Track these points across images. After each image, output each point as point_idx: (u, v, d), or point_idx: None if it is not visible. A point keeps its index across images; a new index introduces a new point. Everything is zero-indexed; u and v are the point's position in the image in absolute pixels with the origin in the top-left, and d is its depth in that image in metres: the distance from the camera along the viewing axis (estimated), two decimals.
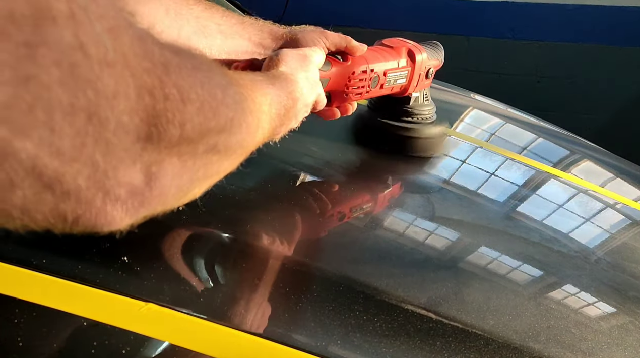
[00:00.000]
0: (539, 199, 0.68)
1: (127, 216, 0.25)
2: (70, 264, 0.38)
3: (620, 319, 0.49)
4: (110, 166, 0.23)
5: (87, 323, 0.34)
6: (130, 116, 0.22)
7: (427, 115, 0.67)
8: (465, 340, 0.40)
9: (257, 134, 0.36)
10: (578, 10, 2.33)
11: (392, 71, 0.60)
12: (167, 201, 0.28)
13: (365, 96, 0.59)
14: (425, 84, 0.66)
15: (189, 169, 0.28)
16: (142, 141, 0.23)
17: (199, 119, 0.26)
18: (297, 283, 0.42)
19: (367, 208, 0.56)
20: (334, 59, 0.55)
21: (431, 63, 0.65)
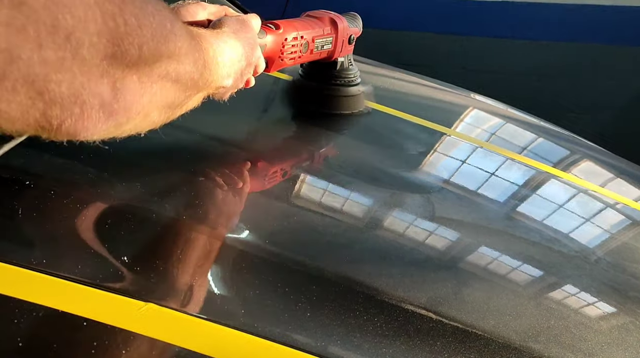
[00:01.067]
0: (539, 199, 0.68)
1: (99, 124, 0.30)
2: (70, 264, 0.38)
3: (620, 319, 0.49)
4: (85, 78, 0.28)
5: (87, 323, 0.34)
6: (98, 37, 0.28)
7: (352, 77, 0.77)
8: (466, 340, 0.40)
9: (204, 72, 0.41)
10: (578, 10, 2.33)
11: (319, 37, 0.69)
12: (131, 117, 0.33)
13: (298, 61, 0.67)
14: (348, 50, 0.76)
15: (147, 91, 0.34)
16: (109, 58, 0.29)
17: (153, 43, 0.32)
18: (297, 283, 0.42)
19: (307, 163, 0.65)
20: (268, 27, 0.61)
21: (352, 30, 0.75)
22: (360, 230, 0.53)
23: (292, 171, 0.61)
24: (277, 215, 0.51)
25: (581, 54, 2.37)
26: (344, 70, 0.76)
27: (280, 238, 0.47)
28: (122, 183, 0.48)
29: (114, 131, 0.34)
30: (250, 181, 0.56)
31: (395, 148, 0.74)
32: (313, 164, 0.65)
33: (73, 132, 0.29)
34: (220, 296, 0.40)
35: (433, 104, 0.99)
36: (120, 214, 0.45)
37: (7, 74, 0.25)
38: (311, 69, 0.76)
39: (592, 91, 2.40)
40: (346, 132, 0.77)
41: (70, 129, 0.29)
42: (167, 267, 0.40)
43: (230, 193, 0.53)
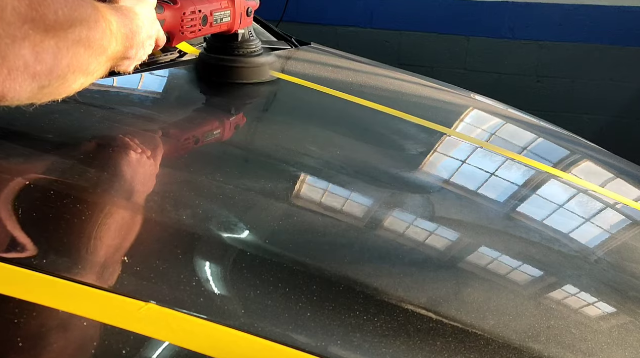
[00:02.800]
0: (539, 199, 0.68)
1: (24, 85, 0.34)
2: (70, 264, 0.38)
3: (620, 319, 0.49)
4: (10, 40, 0.31)
5: (87, 323, 0.34)
6: (19, 1, 0.31)
7: (254, 49, 0.81)
8: (466, 340, 0.40)
9: (111, 41, 0.44)
10: (578, 10, 2.33)
11: (216, 10, 0.72)
12: (52, 79, 0.36)
13: (199, 34, 0.71)
14: (248, 22, 0.80)
15: (64, 54, 0.37)
16: (29, 22, 0.32)
17: (67, 9, 0.35)
18: (297, 283, 0.42)
19: (218, 131, 0.70)
20: (165, 3, 0.64)
21: (249, 3, 0.79)
22: (360, 229, 0.53)
23: (204, 138, 0.65)
24: (279, 214, 0.51)
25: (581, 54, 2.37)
26: (245, 41, 0.79)
27: (281, 237, 0.47)
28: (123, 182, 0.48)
29: (36, 94, 0.37)
30: (160, 150, 0.58)
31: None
32: (223, 132, 0.70)
33: (1, 93, 0.32)
34: (220, 296, 0.40)
35: (433, 104, 0.99)
36: (121, 214, 0.45)
37: None
38: (214, 43, 0.80)
39: (592, 90, 2.40)
40: (250, 101, 0.81)
41: None
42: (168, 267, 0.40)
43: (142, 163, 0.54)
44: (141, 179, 0.52)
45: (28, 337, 0.34)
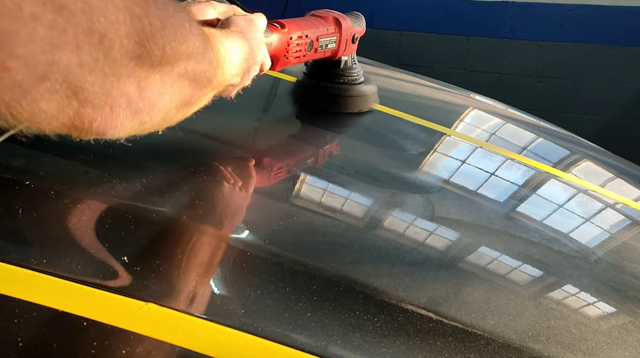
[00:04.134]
0: (539, 199, 0.68)
1: (126, 122, 0.32)
2: (70, 264, 0.38)
3: (620, 319, 0.49)
4: (115, 78, 0.30)
5: (87, 323, 0.34)
6: (127, 38, 0.29)
7: (356, 76, 0.77)
8: (466, 340, 0.40)
9: (218, 71, 0.43)
10: (578, 10, 2.33)
11: (323, 36, 0.69)
12: (154, 115, 0.35)
13: (302, 59, 0.68)
14: (352, 49, 0.76)
15: (168, 89, 0.35)
16: (136, 59, 0.31)
17: (174, 43, 0.33)
18: (297, 283, 0.42)
19: (311, 161, 0.65)
20: (273, 26, 0.62)
21: (355, 30, 0.75)
22: (360, 229, 0.53)
23: (295, 169, 0.61)
24: (279, 214, 0.51)
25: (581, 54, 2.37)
26: (348, 69, 0.76)
27: (281, 237, 0.47)
28: (124, 182, 0.48)
29: (137, 129, 0.36)
30: (253, 179, 0.56)
31: (396, 148, 0.74)
32: (316, 163, 0.65)
33: (102, 130, 0.31)
34: (220, 296, 0.40)
35: (433, 104, 0.99)
36: (121, 214, 0.45)
37: (48, 75, 0.26)
38: (315, 68, 0.77)
39: (592, 91, 2.40)
40: (349, 131, 0.76)
41: (100, 127, 0.31)
42: (168, 267, 0.40)
43: (234, 191, 0.53)
44: (227, 206, 0.51)
45: (28, 336, 0.34)
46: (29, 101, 0.27)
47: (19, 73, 0.25)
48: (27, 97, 0.27)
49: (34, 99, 0.27)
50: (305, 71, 0.78)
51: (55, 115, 0.28)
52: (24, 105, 0.27)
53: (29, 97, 0.27)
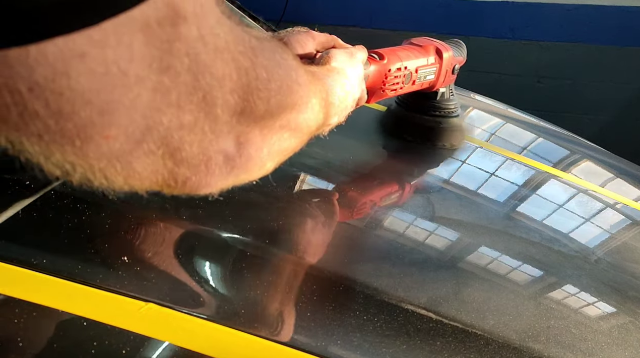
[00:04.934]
0: (539, 200, 0.68)
1: (221, 180, 0.30)
2: (71, 264, 0.38)
3: (620, 319, 0.49)
4: (214, 136, 0.27)
5: (87, 323, 0.34)
6: (231, 94, 0.27)
7: (452, 109, 0.73)
8: (465, 340, 0.40)
9: (319, 116, 0.40)
10: (578, 10, 2.33)
11: (422, 67, 0.65)
12: (250, 170, 0.32)
13: (399, 92, 0.63)
14: (450, 80, 0.71)
15: (267, 142, 0.32)
16: (237, 114, 0.28)
17: (280, 95, 0.31)
18: (297, 283, 0.41)
19: (397, 196, 0.61)
20: (372, 57, 0.58)
21: (456, 60, 0.70)
22: (359, 229, 0.53)
23: (381, 204, 0.57)
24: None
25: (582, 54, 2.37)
26: (445, 101, 0.72)
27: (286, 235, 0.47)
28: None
29: (231, 184, 0.33)
30: (336, 212, 0.54)
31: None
32: (401, 199, 0.60)
33: (196, 188, 0.29)
34: (220, 296, 0.40)
35: None
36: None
37: (146, 138, 0.24)
38: (409, 99, 0.72)
39: (592, 91, 2.39)
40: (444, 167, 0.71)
41: (194, 186, 0.28)
42: (168, 267, 0.40)
43: (315, 224, 0.51)
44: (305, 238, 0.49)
45: (28, 337, 0.34)
46: (124, 164, 0.25)
47: (117, 141, 0.23)
48: (122, 162, 0.24)
49: (129, 163, 0.25)
50: (397, 101, 0.74)
51: (148, 176, 0.26)
52: (118, 169, 0.25)
53: (125, 162, 0.24)
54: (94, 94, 0.21)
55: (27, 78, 0.20)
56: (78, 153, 0.23)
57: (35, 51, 0.19)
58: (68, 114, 0.21)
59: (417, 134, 0.72)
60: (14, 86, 0.20)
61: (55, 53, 0.20)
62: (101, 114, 0.22)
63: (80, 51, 0.20)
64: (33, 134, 0.22)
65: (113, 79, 0.21)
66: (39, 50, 0.19)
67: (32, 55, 0.19)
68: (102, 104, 0.22)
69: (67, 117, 0.21)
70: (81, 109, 0.21)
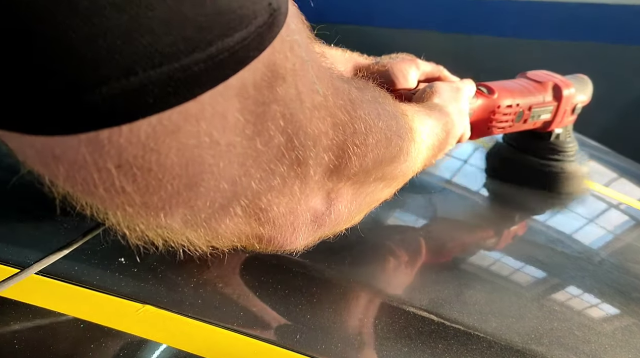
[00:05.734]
0: None
1: (307, 238, 0.28)
2: (68, 266, 0.38)
3: (624, 321, 0.48)
4: (304, 196, 0.25)
5: (85, 325, 0.34)
6: (326, 152, 0.24)
7: (570, 152, 0.65)
8: (468, 343, 0.40)
9: (416, 163, 0.37)
10: (581, 8, 2.32)
11: (537, 106, 0.58)
12: (339, 225, 0.30)
13: (507, 130, 0.57)
14: (569, 121, 0.64)
15: (359, 196, 0.30)
16: (329, 172, 0.25)
17: (377, 150, 0.28)
18: (296, 285, 0.41)
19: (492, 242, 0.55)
20: (481, 92, 0.54)
21: (578, 99, 0.63)
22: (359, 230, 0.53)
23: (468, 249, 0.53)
24: None
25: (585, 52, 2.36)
26: (560, 143, 0.64)
27: None
28: None
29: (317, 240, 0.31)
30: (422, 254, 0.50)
31: None
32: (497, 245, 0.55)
33: (280, 246, 0.27)
34: (218, 298, 0.40)
35: None
36: None
37: (232, 202, 0.22)
38: (520, 137, 0.65)
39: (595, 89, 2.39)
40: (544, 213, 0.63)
41: (277, 245, 0.27)
42: (165, 269, 0.40)
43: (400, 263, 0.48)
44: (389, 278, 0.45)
45: (25, 338, 0.34)
46: (207, 230, 0.23)
47: (202, 210, 0.21)
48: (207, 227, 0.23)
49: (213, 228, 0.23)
50: (504, 138, 0.67)
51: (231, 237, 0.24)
52: (201, 234, 0.23)
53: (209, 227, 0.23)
54: (183, 169, 0.19)
55: (116, 157, 0.18)
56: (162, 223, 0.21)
57: (127, 130, 0.17)
58: (154, 188, 0.19)
59: (525, 175, 0.65)
60: (103, 165, 0.18)
61: (147, 132, 0.18)
62: (189, 188, 0.20)
63: (175, 127, 0.18)
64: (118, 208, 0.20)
65: (203, 151, 0.19)
66: (131, 129, 0.17)
67: (124, 134, 0.17)
68: (190, 177, 0.20)
69: (154, 192, 0.19)
70: (168, 183, 0.19)
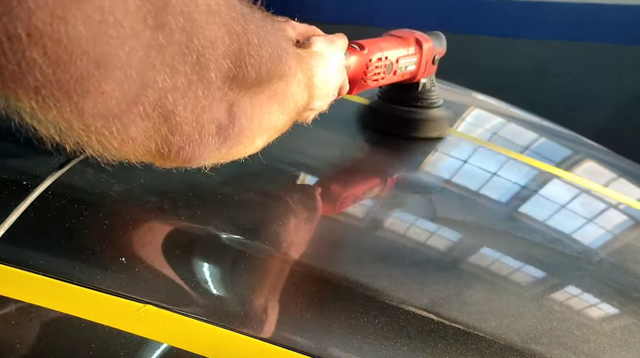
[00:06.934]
0: (542, 200, 0.68)
1: (214, 150, 0.30)
2: (70, 265, 0.38)
3: (623, 320, 0.49)
4: (207, 102, 0.27)
5: (86, 325, 0.34)
6: (224, 58, 0.27)
7: (434, 99, 0.73)
8: (467, 342, 0.40)
9: (304, 94, 0.40)
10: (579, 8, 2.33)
11: (403, 57, 0.65)
12: (241, 142, 0.33)
13: (381, 83, 0.63)
14: (431, 71, 0.72)
15: (257, 113, 0.33)
16: (229, 81, 0.28)
17: (270, 63, 0.31)
18: (296, 285, 0.41)
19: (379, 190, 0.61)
20: (352, 48, 0.58)
21: (436, 50, 0.71)
22: (359, 229, 0.53)
23: (362, 198, 0.57)
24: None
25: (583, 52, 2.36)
26: (426, 92, 0.72)
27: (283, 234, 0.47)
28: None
29: (223, 157, 0.33)
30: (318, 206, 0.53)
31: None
32: (383, 191, 0.61)
33: (189, 158, 0.29)
34: (219, 298, 0.40)
35: None
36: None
37: (141, 98, 0.25)
38: (391, 91, 0.72)
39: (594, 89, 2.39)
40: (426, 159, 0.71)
41: (187, 156, 0.29)
42: (166, 268, 0.40)
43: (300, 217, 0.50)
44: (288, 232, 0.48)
45: (27, 337, 0.34)
46: (119, 127, 0.25)
47: (113, 97, 0.23)
48: (118, 123, 0.25)
49: (124, 125, 0.25)
50: (379, 94, 0.73)
51: (143, 143, 0.26)
52: (114, 132, 0.25)
53: (120, 124, 0.25)
54: (91, 45, 0.22)
55: (26, 21, 0.20)
56: (74, 109, 0.23)
57: None
58: (65, 64, 0.21)
59: (397, 125, 0.72)
60: (13, 32, 0.20)
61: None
62: (97, 66, 0.22)
63: None
64: (30, 87, 0.22)
65: (109, 29, 0.22)
66: None
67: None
68: (98, 55, 0.22)
69: (65, 68, 0.22)
70: (78, 59, 0.22)
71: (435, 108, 0.73)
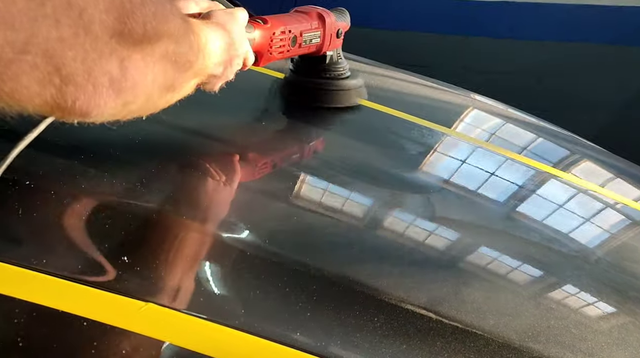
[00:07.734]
0: (539, 200, 0.68)
1: (109, 102, 0.32)
2: (70, 264, 0.38)
3: (620, 319, 0.49)
4: (97, 55, 0.30)
5: (87, 323, 0.34)
6: (107, 14, 0.30)
7: (342, 71, 0.78)
8: (465, 340, 0.40)
9: (199, 55, 0.43)
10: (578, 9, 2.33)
11: (307, 31, 0.70)
12: (137, 96, 0.35)
13: (287, 55, 0.68)
14: (337, 44, 0.77)
15: (150, 70, 0.35)
16: (117, 36, 0.31)
17: (155, 21, 0.33)
18: (297, 283, 0.41)
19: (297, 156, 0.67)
20: (255, 22, 0.62)
21: (339, 24, 0.76)
22: (359, 228, 0.53)
23: (280, 165, 0.62)
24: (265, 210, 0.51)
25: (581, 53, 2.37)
26: (333, 64, 0.77)
27: (278, 235, 0.47)
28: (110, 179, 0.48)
29: (121, 111, 0.36)
30: (238, 174, 0.57)
31: (386, 145, 0.75)
32: (301, 158, 0.67)
33: (86, 110, 0.31)
34: (220, 296, 0.40)
35: (429, 102, 0.99)
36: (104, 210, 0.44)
37: (28, 48, 0.27)
38: (301, 64, 0.78)
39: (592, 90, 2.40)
40: (334, 127, 0.77)
41: (83, 106, 0.30)
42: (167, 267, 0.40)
43: (218, 186, 0.53)
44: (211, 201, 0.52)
45: (28, 337, 0.34)
46: (10, 75, 0.27)
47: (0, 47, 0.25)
48: (8, 71, 0.27)
49: (15, 73, 0.27)
50: (292, 67, 0.79)
51: (37, 92, 0.28)
52: (5, 80, 0.27)
53: (10, 72, 0.27)
54: None
55: None
56: None
57: None
58: None
59: (309, 96, 0.77)
60: None
61: None
62: None
63: None
64: None
65: None
66: None
67: None
68: None
69: None
70: None
71: (343, 79, 0.78)
